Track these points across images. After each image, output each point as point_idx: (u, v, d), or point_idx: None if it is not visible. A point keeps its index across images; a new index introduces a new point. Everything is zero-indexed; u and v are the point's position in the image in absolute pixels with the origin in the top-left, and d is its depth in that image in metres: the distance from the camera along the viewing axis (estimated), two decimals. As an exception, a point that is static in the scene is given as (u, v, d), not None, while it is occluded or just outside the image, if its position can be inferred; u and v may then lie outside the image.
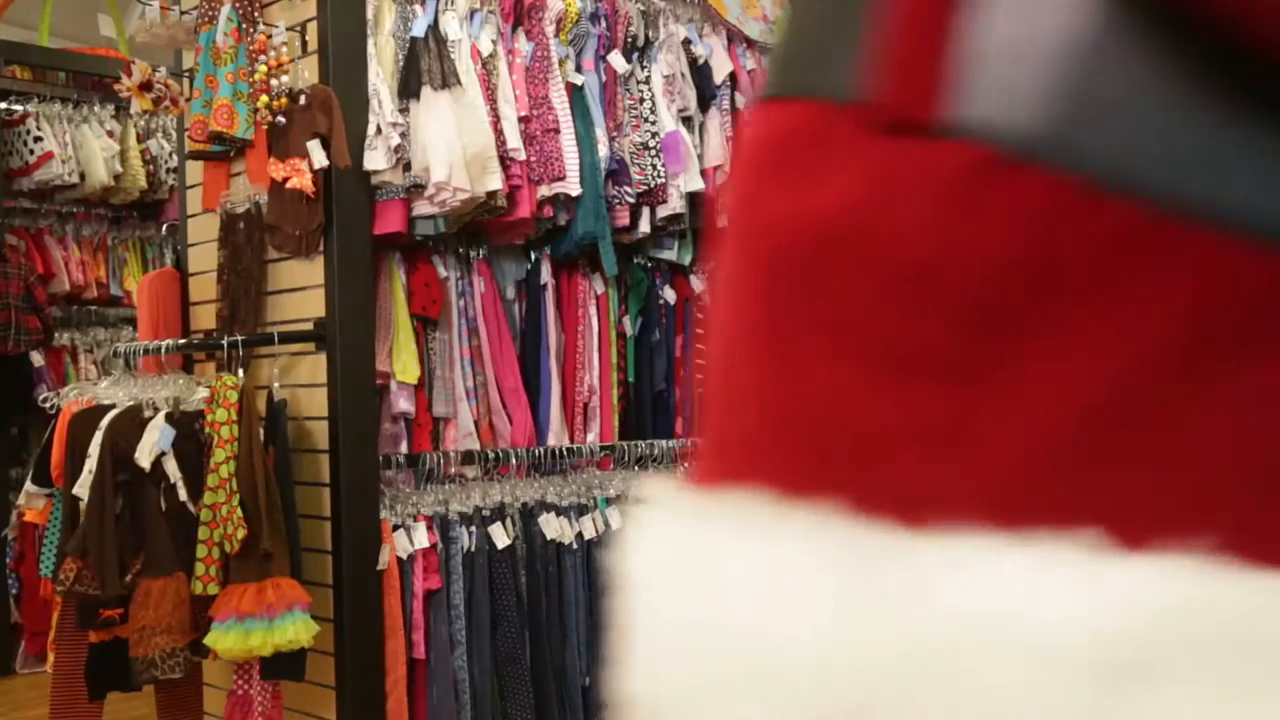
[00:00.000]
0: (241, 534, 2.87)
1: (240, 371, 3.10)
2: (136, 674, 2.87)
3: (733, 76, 4.25)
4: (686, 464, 4.12)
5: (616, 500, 3.86)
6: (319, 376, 3.26)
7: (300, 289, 3.33)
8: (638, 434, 4.07)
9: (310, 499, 3.24)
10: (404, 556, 3.32)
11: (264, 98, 3.20)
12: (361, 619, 3.19)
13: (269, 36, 3.24)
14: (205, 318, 3.66)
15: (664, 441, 4.09)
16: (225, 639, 2.84)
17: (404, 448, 3.53)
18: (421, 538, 3.36)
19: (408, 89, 3.33)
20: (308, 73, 3.28)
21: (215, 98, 3.18)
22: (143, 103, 3.33)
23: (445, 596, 3.40)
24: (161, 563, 2.92)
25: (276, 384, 3.24)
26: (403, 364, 3.47)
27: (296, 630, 2.90)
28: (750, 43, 4.38)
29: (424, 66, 3.32)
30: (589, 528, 3.73)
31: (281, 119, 3.19)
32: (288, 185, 3.13)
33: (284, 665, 2.98)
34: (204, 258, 3.66)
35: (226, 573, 2.92)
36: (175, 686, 3.19)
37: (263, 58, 3.21)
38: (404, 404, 3.49)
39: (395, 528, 3.33)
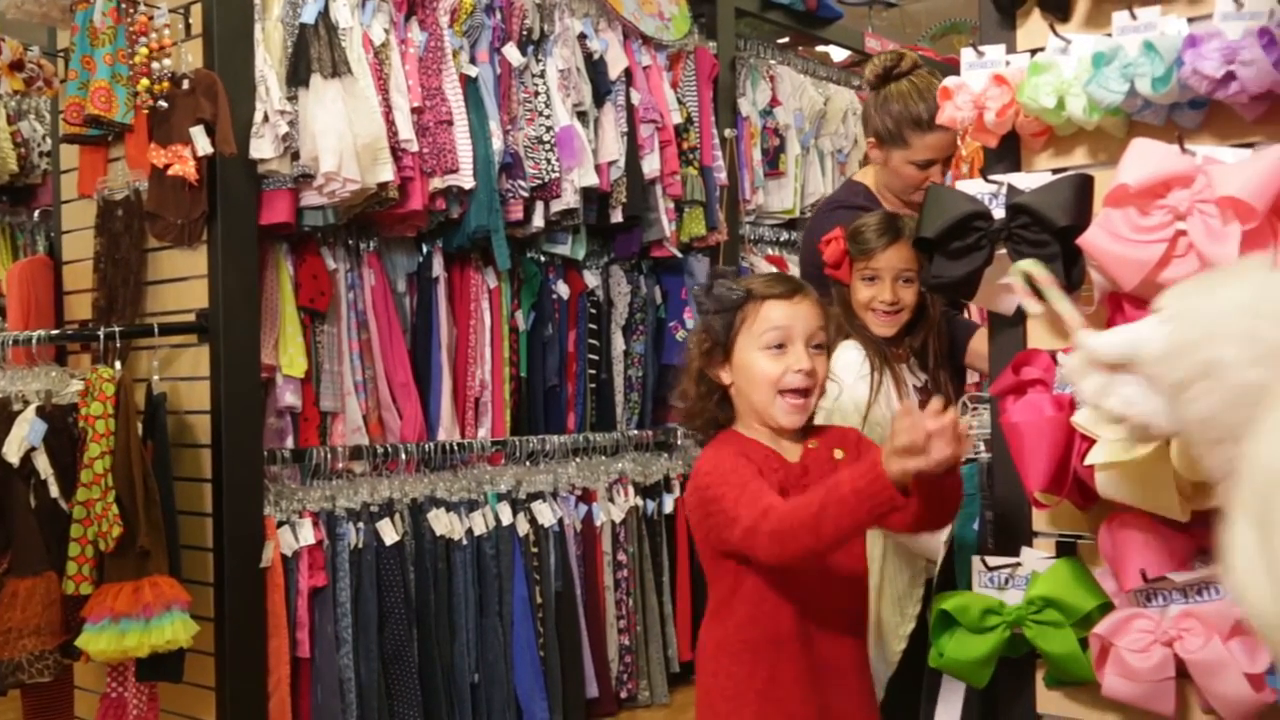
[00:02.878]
0: (117, 531, 2.78)
1: (117, 364, 3.01)
2: (1, 678, 2.76)
3: (628, 72, 4.26)
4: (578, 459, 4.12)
5: (507, 496, 3.84)
6: (201, 369, 3.18)
7: (182, 279, 3.24)
8: (530, 429, 4.06)
9: (191, 495, 3.16)
10: (289, 553, 3.26)
11: (144, 81, 3.10)
12: (243, 618, 3.12)
13: (150, 18, 3.14)
14: (80, 308, 3.54)
15: (556, 436, 4.08)
16: (98, 640, 2.75)
17: (290, 442, 3.47)
18: (307, 534, 3.30)
19: (296, 76, 3.26)
20: (191, 57, 3.18)
21: (92, 79, 3.07)
22: (13, 82, 3.21)
23: (331, 594, 3.35)
24: (30, 562, 2.81)
25: (156, 377, 3.15)
26: (289, 357, 3.41)
27: (174, 630, 2.83)
28: (646, 39, 4.40)
29: (314, 54, 3.26)
30: (479, 524, 3.70)
31: (163, 103, 3.09)
32: (169, 172, 3.04)
33: (161, 666, 2.90)
34: (79, 245, 3.54)
35: (101, 571, 2.83)
36: (44, 690, 3.08)
37: (143, 39, 3.11)
38: (290, 398, 3.43)
39: (280, 524, 3.27)
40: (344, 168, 3.21)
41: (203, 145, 3.04)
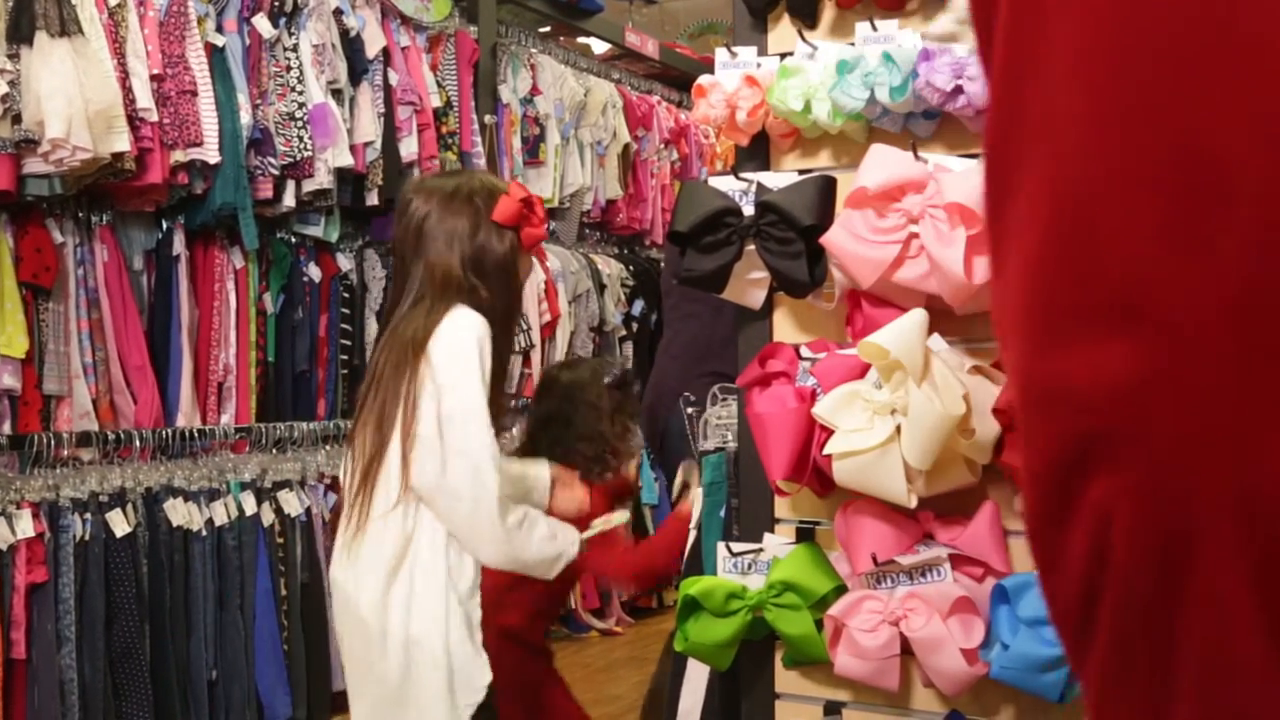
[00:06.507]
0: None
1: None
2: None
3: (386, 52, 4.16)
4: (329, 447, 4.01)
5: (251, 484, 3.69)
6: (-97, 347, 2.91)
7: (-119, 248, 2.95)
8: (277, 415, 3.91)
9: (-111, 485, 2.89)
10: (4, 547, 3.03)
11: None
12: (-50, 619, 2.88)
13: None
14: None
15: (305, 423, 3.95)
16: None
17: (7, 428, 3.22)
18: (26, 526, 3.08)
19: (18, 33, 3.02)
20: (-104, 3, 2.90)
21: None
22: None
23: (53, 590, 3.13)
24: None
25: None
26: (7, 336, 3.16)
27: None
28: (405, 19, 4.30)
29: (39, 10, 3.03)
30: (220, 514, 3.54)
31: None
32: None
33: None
34: None
35: None
36: None
37: None
38: (8, 380, 3.19)
39: (-6, 516, 3.03)
40: (73, 135, 3.00)
41: (-92, 102, 2.78)
